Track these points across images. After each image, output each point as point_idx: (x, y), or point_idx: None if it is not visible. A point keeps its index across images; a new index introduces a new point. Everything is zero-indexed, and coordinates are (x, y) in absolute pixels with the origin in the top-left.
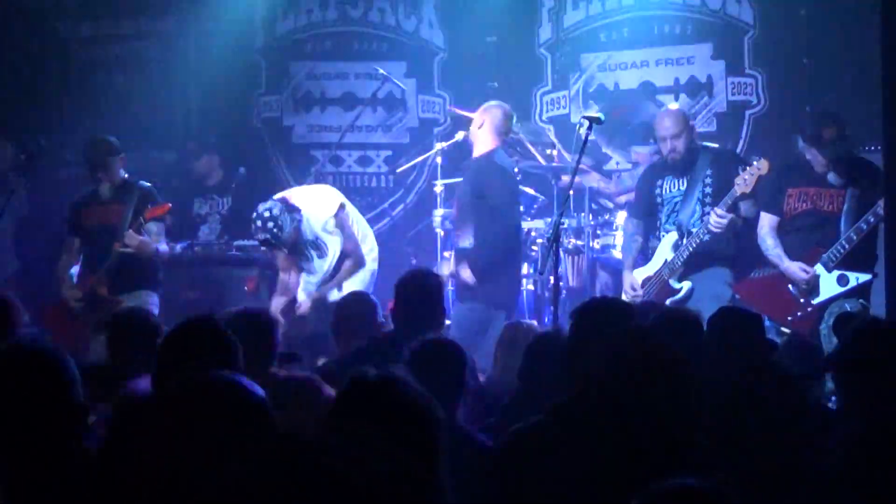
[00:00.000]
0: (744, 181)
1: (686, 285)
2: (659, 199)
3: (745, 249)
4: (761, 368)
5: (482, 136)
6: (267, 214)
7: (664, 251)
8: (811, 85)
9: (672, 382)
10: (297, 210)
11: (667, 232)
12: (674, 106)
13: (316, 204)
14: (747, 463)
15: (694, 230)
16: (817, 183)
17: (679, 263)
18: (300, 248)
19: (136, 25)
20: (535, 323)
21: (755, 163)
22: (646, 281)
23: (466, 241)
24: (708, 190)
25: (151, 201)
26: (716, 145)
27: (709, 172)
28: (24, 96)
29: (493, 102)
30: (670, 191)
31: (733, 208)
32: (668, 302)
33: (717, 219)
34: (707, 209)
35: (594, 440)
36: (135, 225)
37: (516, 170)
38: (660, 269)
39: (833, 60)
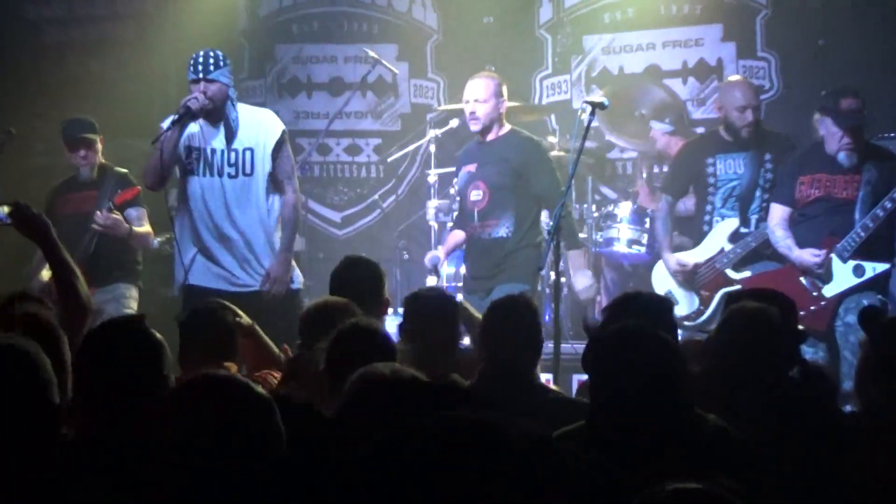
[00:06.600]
0: None
1: (748, 275)
2: (711, 180)
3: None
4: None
5: (500, 119)
6: None
7: (719, 239)
8: (827, 68)
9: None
10: None
11: (723, 218)
12: (733, 77)
13: None
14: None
15: (754, 219)
16: (830, 168)
17: (739, 254)
18: None
19: (111, 6)
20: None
21: None
22: (694, 268)
23: (503, 230)
24: (769, 176)
25: (124, 186)
26: (771, 128)
27: (768, 157)
28: None
29: (495, 79)
30: (726, 172)
31: None
32: (722, 292)
33: None
34: (767, 196)
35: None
36: (106, 211)
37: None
38: (713, 257)
39: (851, 42)
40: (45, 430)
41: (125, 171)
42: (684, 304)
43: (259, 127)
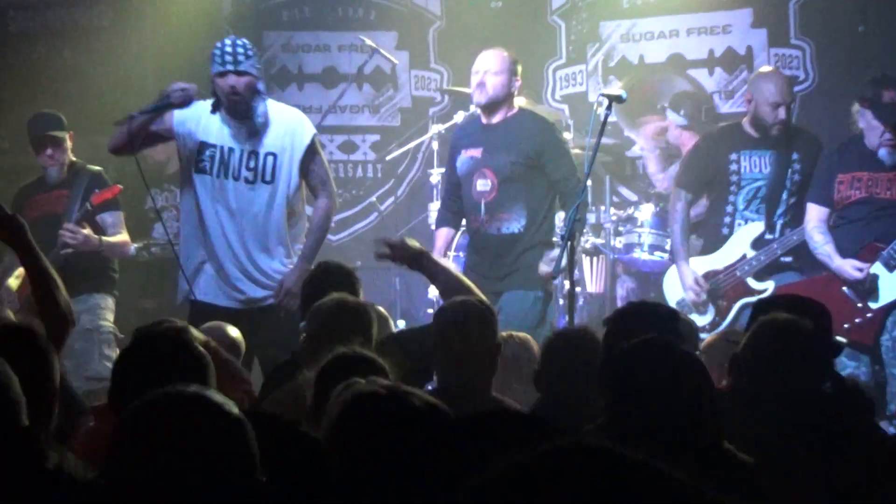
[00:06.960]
0: None
1: (770, 286)
2: (734, 178)
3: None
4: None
5: (512, 98)
6: None
7: (741, 244)
8: (868, 56)
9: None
10: None
11: (746, 221)
12: (767, 68)
13: None
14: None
15: (779, 224)
16: (871, 165)
17: (763, 262)
18: None
19: None
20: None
21: None
22: (711, 274)
23: (515, 226)
24: (796, 178)
25: (99, 185)
26: (799, 125)
27: (796, 157)
28: None
29: (511, 55)
30: (751, 170)
31: None
32: (742, 302)
33: None
34: (794, 200)
35: None
36: (81, 213)
37: None
38: (733, 264)
39: (893, 28)
40: (13, 453)
41: (99, 168)
42: (699, 315)
43: (286, 131)
